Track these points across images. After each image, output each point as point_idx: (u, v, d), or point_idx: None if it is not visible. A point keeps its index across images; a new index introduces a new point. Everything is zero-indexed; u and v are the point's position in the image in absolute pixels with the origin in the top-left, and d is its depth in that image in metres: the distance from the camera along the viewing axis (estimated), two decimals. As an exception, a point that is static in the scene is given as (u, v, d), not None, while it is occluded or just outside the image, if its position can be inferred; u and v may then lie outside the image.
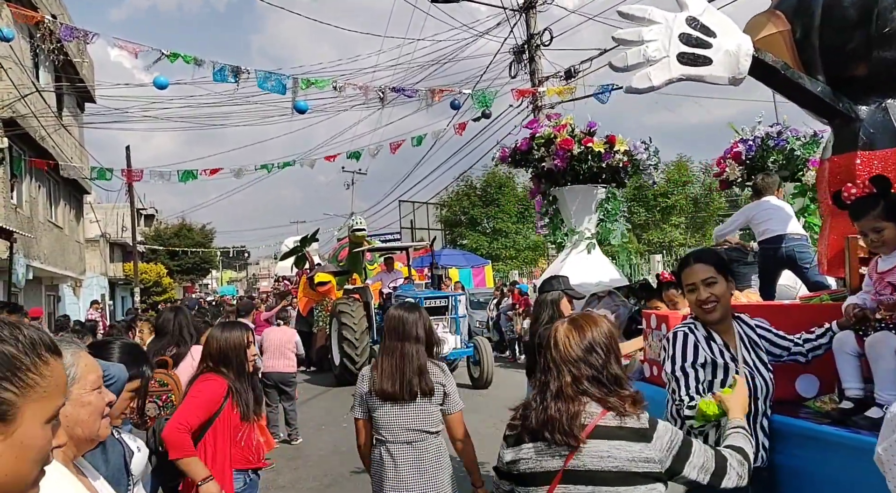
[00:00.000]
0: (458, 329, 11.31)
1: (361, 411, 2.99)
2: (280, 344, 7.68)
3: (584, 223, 5.32)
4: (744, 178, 5.69)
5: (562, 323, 2.05)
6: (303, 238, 16.81)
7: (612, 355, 1.98)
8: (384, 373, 2.89)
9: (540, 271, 19.81)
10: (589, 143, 4.94)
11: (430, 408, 2.92)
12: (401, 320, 2.96)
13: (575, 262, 5.10)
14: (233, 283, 58.15)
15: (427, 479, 2.85)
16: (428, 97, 11.84)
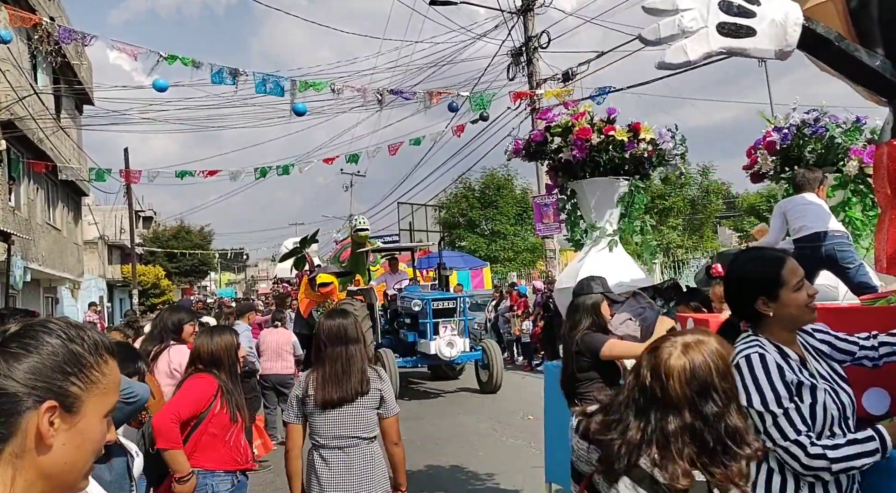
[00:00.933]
0: (467, 332, 11.00)
1: (296, 415, 2.98)
2: (277, 346, 7.69)
3: (604, 219, 4.83)
4: (777, 170, 5.16)
5: (674, 345, 1.63)
6: (302, 239, 16.59)
7: (732, 400, 1.59)
8: (328, 380, 2.88)
9: (538, 273, 19.81)
10: (611, 131, 4.47)
11: (367, 413, 2.93)
12: (341, 327, 2.97)
13: (595, 260, 4.64)
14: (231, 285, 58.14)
15: (360, 483, 2.87)
16: (426, 99, 11.87)
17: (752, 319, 2.11)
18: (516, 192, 28.66)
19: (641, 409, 1.60)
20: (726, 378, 1.58)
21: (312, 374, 2.96)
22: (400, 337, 11.28)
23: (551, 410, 4.62)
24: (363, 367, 2.94)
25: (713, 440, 1.53)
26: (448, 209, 28.98)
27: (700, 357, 1.58)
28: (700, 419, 1.53)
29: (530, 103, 14.97)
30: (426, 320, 10.42)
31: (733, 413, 1.56)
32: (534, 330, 13.92)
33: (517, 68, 15.07)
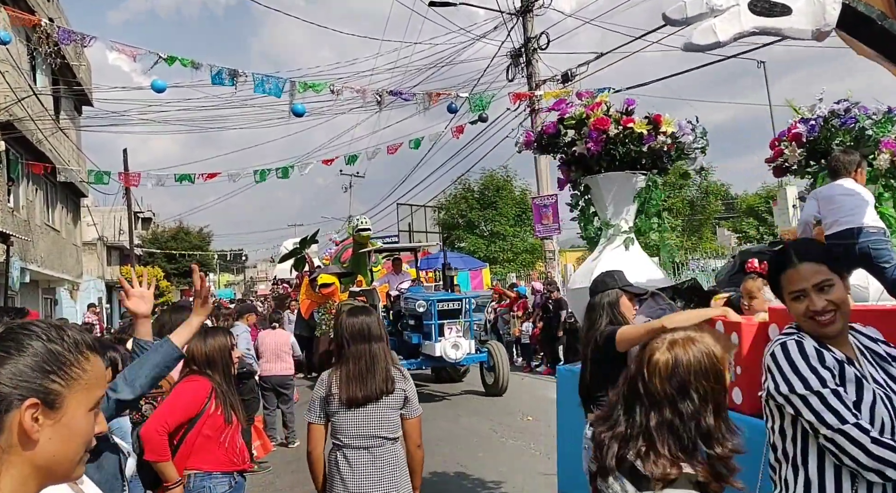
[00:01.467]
0: (472, 333, 10.72)
1: (318, 415, 2.93)
2: (276, 347, 7.69)
3: (620, 215, 4.56)
4: (803, 163, 4.82)
5: (662, 341, 1.65)
6: (302, 240, 16.37)
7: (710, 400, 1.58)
8: (352, 379, 2.85)
9: (537, 274, 19.80)
10: (629, 123, 4.20)
11: (391, 413, 2.90)
12: (364, 324, 2.93)
13: (610, 259, 4.35)
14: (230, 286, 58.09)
15: (385, 485, 2.84)
16: (425, 100, 11.87)
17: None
18: (515, 193, 28.66)
19: (630, 404, 1.63)
20: (707, 378, 1.57)
21: (335, 372, 2.92)
22: (404, 339, 11.04)
23: (564, 417, 4.43)
24: (387, 366, 2.91)
25: (688, 438, 1.56)
26: (447, 210, 28.98)
27: (684, 355, 1.59)
28: (677, 416, 1.56)
29: (530, 104, 14.99)
30: (431, 322, 10.22)
31: (708, 414, 1.56)
32: (533, 331, 13.91)
33: (516, 69, 15.09)
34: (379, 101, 11.53)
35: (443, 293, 11.28)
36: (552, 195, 16.06)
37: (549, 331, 13.20)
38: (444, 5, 14.97)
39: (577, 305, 4.37)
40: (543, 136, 4.60)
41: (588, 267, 4.53)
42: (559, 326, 12.83)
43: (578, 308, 4.33)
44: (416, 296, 10.73)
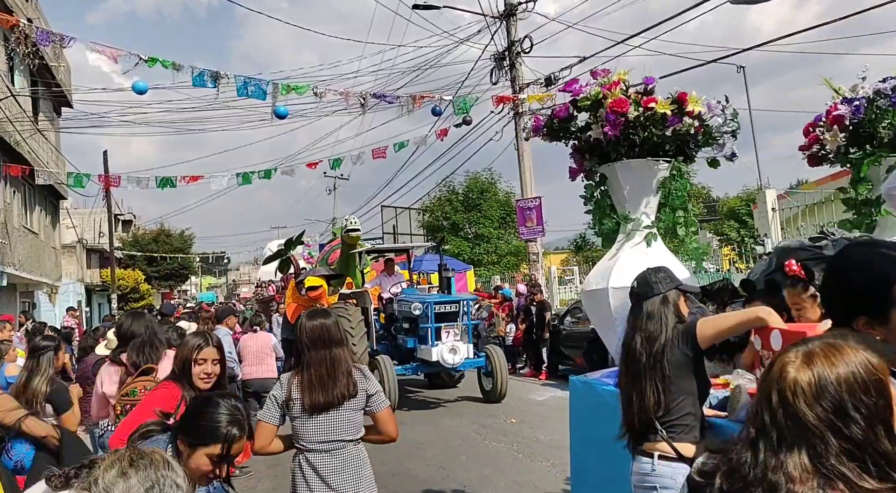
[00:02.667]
0: (471, 337, 10.25)
1: (272, 416, 2.90)
2: (257, 350, 7.64)
3: (640, 208, 4.04)
4: (843, 150, 4.26)
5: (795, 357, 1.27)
6: (288, 241, 16.02)
7: (878, 421, 1.20)
8: (315, 385, 2.83)
9: (521, 277, 19.85)
10: (650, 103, 3.72)
11: (353, 415, 2.89)
12: (323, 328, 2.91)
13: (630, 258, 3.84)
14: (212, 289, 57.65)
15: (349, 485, 2.85)
16: (409, 103, 11.88)
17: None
18: (500, 195, 28.74)
19: (776, 440, 1.23)
20: (869, 393, 1.20)
21: (296, 377, 2.90)
22: (398, 343, 10.61)
23: (579, 431, 4.07)
24: (348, 369, 2.90)
25: (871, 466, 1.18)
26: (432, 213, 29.00)
27: (832, 369, 1.22)
28: (846, 441, 1.19)
29: (513, 107, 15.05)
30: (427, 325, 9.78)
31: (881, 438, 1.19)
32: (516, 333, 13.95)
33: (500, 72, 15.15)
34: (363, 103, 11.52)
35: (439, 295, 10.88)
36: (536, 198, 16.13)
37: (531, 334, 13.24)
38: (427, 8, 15.00)
39: (593, 307, 3.99)
40: (554, 120, 4.10)
41: (605, 267, 4.01)
42: (543, 328, 12.87)
43: (594, 311, 3.99)
44: (410, 298, 10.32)
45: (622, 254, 3.98)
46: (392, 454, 6.93)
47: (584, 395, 3.87)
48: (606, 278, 3.77)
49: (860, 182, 4.23)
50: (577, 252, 33.51)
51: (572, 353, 12.29)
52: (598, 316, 4.03)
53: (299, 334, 2.97)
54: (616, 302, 3.69)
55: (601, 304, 3.83)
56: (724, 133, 3.96)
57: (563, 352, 12.66)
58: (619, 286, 3.64)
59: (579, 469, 4.13)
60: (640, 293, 2.81)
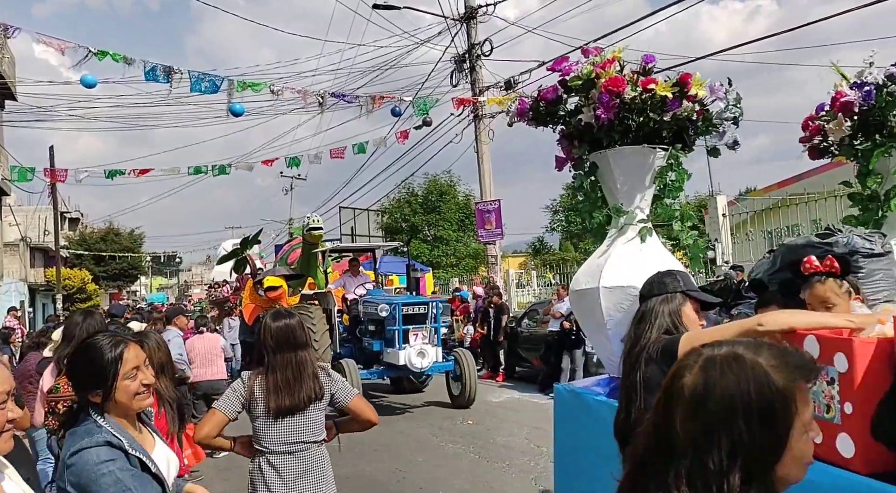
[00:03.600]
0: (440, 340, 9.88)
1: (230, 409, 2.80)
2: (206, 351, 7.45)
3: (635, 201, 3.72)
4: (849, 140, 3.91)
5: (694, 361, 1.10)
6: (244, 240, 15.46)
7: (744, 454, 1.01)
8: (280, 388, 2.76)
9: (479, 279, 19.92)
10: (649, 84, 3.39)
11: (318, 415, 2.85)
12: (289, 329, 2.85)
13: (622, 254, 3.54)
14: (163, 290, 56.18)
15: (312, 487, 2.80)
16: (368, 103, 11.80)
17: None
18: (459, 198, 28.84)
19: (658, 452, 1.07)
20: (751, 419, 1.00)
21: (258, 378, 2.82)
22: (363, 346, 10.20)
23: (563, 441, 3.82)
24: (314, 371, 2.84)
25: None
26: (391, 214, 28.89)
27: (720, 379, 1.03)
28: (699, 467, 1.01)
29: (473, 110, 15.10)
30: (394, 327, 9.40)
31: (735, 475, 1.00)
32: (474, 335, 13.98)
33: (460, 75, 15.19)
34: (321, 102, 11.39)
35: (407, 296, 10.50)
36: (495, 201, 16.21)
37: (488, 337, 13.29)
38: (387, 8, 14.94)
39: (581, 308, 3.71)
40: (541, 102, 3.73)
41: (595, 264, 3.69)
42: (500, 330, 12.93)
43: (583, 312, 3.70)
44: (377, 299, 9.92)
45: (614, 250, 3.63)
46: (347, 457, 6.83)
47: (571, 405, 3.64)
48: (597, 277, 3.45)
49: (868, 175, 3.87)
50: (536, 255, 33.84)
51: (529, 355, 12.37)
52: (587, 318, 3.71)
53: (263, 336, 2.89)
54: (608, 303, 3.40)
55: (591, 305, 3.52)
56: (725, 119, 3.64)
57: (521, 354, 12.74)
58: (611, 286, 3.37)
59: (564, 484, 3.83)
60: (644, 293, 2.56)
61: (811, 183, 14.41)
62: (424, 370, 9.47)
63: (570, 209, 31.02)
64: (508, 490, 5.81)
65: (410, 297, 10.46)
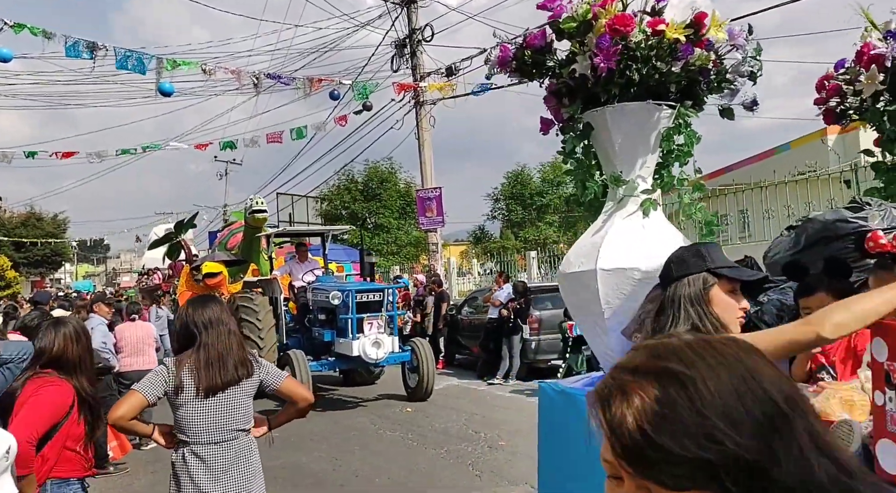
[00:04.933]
0: (396, 329, 9.42)
1: (152, 392, 2.67)
2: (137, 340, 7.15)
3: (636, 168, 3.18)
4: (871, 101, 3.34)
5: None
6: (178, 224, 14.58)
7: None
8: (211, 364, 2.69)
9: (420, 267, 19.88)
10: (658, 25, 2.80)
11: (246, 401, 2.79)
12: (213, 312, 2.79)
13: (622, 231, 3.02)
14: (90, 278, 53.76)
15: (239, 480, 2.72)
16: (306, 86, 11.51)
17: None
18: (400, 185, 28.68)
19: None
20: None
21: (185, 361, 2.72)
22: (312, 336, 9.64)
23: (551, 451, 3.37)
24: (243, 351, 2.80)
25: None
26: (330, 201, 28.48)
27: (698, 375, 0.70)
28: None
29: (414, 96, 14.98)
30: (348, 316, 8.83)
31: None
32: (412, 320, 13.97)
33: (401, 60, 15.03)
34: (256, 84, 11.04)
35: (361, 283, 9.91)
36: (437, 188, 16.18)
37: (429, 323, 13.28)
38: (328, -10, 14.60)
39: (573, 293, 3.21)
40: (526, 51, 3.10)
41: (590, 243, 3.15)
42: (440, 318, 12.95)
43: (575, 298, 3.18)
44: (327, 286, 9.35)
45: (612, 227, 3.09)
46: (282, 449, 6.69)
47: (560, 406, 3.22)
48: (593, 258, 2.95)
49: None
50: (477, 244, 34.07)
51: (469, 342, 12.45)
52: (578, 305, 3.21)
53: (188, 317, 2.80)
54: (606, 288, 2.92)
55: (584, 290, 3.03)
56: (741, 74, 3.07)
57: (461, 342, 12.82)
58: (609, 268, 2.90)
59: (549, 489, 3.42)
60: (662, 276, 2.07)
61: (739, 174, 15.02)
62: (379, 362, 8.92)
63: (510, 198, 31.34)
64: (445, 476, 5.83)
65: (364, 283, 9.86)
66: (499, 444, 6.76)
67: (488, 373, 10.88)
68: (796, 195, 9.82)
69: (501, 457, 6.29)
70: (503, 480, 5.59)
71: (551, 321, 10.64)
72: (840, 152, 13.12)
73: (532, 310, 10.82)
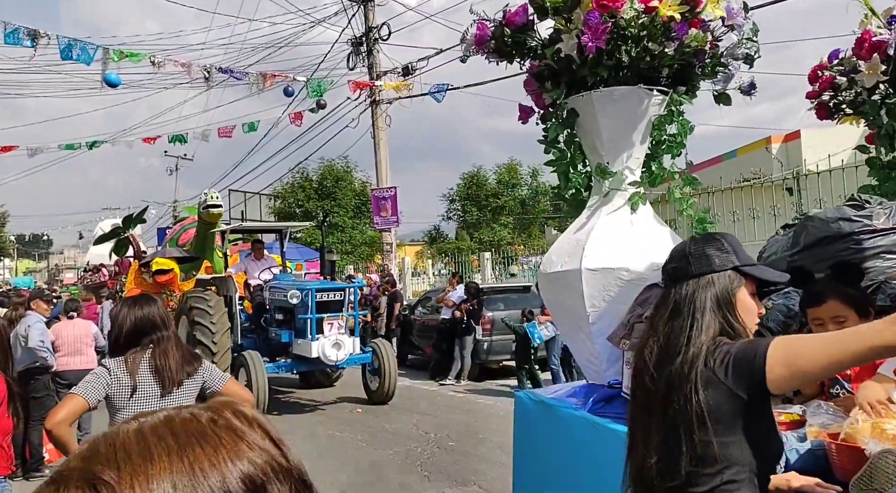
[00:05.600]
0: (358, 330, 9.21)
1: (92, 395, 2.58)
2: (75, 339, 6.90)
3: (623, 159, 2.92)
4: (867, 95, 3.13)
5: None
6: (126, 218, 13.81)
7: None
8: (155, 363, 2.65)
9: (375, 267, 19.78)
10: (652, 1, 2.58)
11: (189, 402, 2.75)
12: (150, 314, 2.73)
13: (608, 228, 2.81)
14: (31, 274, 51.69)
15: None
16: (259, 81, 11.32)
17: None
18: (355, 184, 28.48)
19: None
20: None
21: (128, 363, 2.65)
22: (269, 336, 9.32)
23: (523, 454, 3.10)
24: (184, 349, 2.77)
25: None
26: (284, 199, 28.09)
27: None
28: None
29: (370, 95, 14.90)
30: (307, 316, 8.54)
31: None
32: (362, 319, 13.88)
33: (357, 58, 14.93)
34: (207, 77, 10.79)
35: (321, 282, 9.59)
36: (392, 187, 16.12)
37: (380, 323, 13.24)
38: (284, -16, 14.40)
39: (554, 297, 2.99)
40: (505, 29, 2.86)
41: (573, 241, 2.89)
42: (392, 318, 12.92)
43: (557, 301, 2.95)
44: (285, 285, 9.03)
45: (597, 223, 2.84)
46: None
47: (538, 417, 2.91)
48: (578, 257, 2.72)
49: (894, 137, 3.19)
50: (431, 244, 34.09)
51: (422, 342, 12.45)
52: (561, 308, 2.97)
53: (124, 319, 2.72)
54: (591, 289, 2.68)
55: (567, 292, 2.79)
56: (737, 57, 2.84)
57: (413, 342, 12.81)
58: (595, 267, 2.67)
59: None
60: (670, 272, 1.71)
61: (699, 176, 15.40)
62: (339, 363, 8.63)
63: (465, 199, 31.46)
64: (394, 477, 5.81)
65: (324, 282, 9.52)
66: (448, 444, 6.77)
67: (440, 373, 10.89)
68: (741, 201, 10.15)
69: (451, 458, 6.31)
70: (452, 481, 5.60)
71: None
72: (783, 161, 13.64)
73: (485, 311, 10.88)
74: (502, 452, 6.49)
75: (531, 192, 31.53)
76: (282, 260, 10.67)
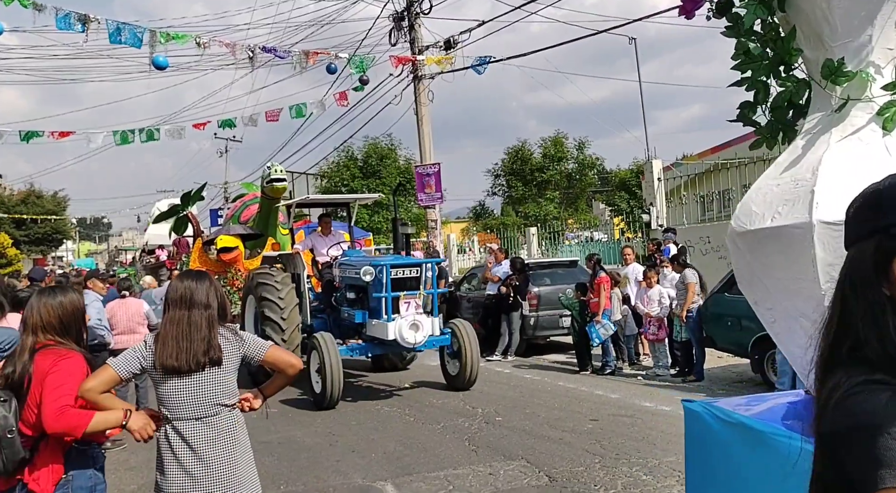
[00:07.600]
0: (437, 310, 8.31)
1: (123, 368, 2.61)
2: (127, 318, 7.12)
3: (867, 53, 1.95)
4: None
5: None
6: (185, 195, 13.46)
7: None
8: (167, 345, 2.64)
9: (420, 244, 19.78)
10: None
11: (228, 377, 2.72)
12: (187, 289, 2.72)
13: (846, 159, 1.89)
14: (92, 255, 53.88)
15: (224, 457, 2.66)
16: (302, 60, 11.34)
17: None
18: (400, 162, 28.50)
19: None
20: None
21: (156, 340, 2.69)
22: (340, 317, 8.66)
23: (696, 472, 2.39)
24: (209, 336, 2.67)
25: None
26: (330, 178, 28.35)
27: None
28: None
29: (412, 70, 14.78)
30: (381, 294, 7.76)
31: None
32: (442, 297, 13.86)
33: (399, 34, 14.80)
34: (251, 57, 10.87)
35: (396, 257, 8.71)
36: (435, 164, 16.04)
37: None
38: (324, -39, 14.32)
39: (760, 263, 2.05)
40: None
41: (785, 182, 2.01)
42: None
43: (763, 272, 2.04)
44: (356, 261, 8.32)
45: (827, 153, 1.90)
46: (279, 423, 6.69)
47: (729, 441, 2.09)
48: (804, 205, 1.85)
49: None
50: (477, 220, 33.98)
51: (468, 319, 12.41)
52: (770, 281, 2.04)
53: (167, 291, 2.80)
54: (828, 254, 1.81)
55: (785, 257, 1.92)
56: None
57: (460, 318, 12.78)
58: (834, 220, 1.76)
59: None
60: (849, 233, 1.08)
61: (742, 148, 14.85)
62: (418, 346, 7.79)
63: (510, 174, 31.08)
64: (442, 451, 5.82)
65: (400, 258, 8.60)
66: (496, 419, 6.75)
67: (487, 349, 10.87)
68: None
69: (498, 432, 6.28)
70: (499, 455, 5.58)
71: (550, 298, 10.60)
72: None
73: (531, 286, 10.77)
74: (550, 427, 6.44)
75: (578, 165, 30.96)
76: (350, 236, 9.99)
